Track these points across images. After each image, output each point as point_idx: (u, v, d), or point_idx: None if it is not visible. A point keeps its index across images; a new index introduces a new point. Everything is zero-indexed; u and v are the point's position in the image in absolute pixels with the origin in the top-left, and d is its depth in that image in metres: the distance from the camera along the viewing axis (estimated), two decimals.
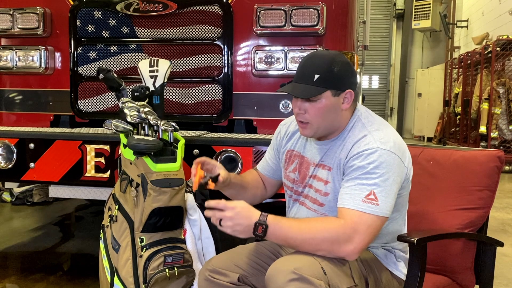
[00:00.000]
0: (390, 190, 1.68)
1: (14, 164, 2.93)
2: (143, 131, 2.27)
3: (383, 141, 1.71)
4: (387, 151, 1.69)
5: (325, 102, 1.76)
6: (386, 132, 1.76)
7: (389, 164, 1.68)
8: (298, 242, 1.66)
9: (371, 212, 1.65)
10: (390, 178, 1.68)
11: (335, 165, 1.80)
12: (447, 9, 14.75)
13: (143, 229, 2.14)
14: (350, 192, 1.69)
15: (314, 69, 1.75)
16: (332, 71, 1.75)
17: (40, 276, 3.34)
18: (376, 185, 1.66)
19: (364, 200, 1.66)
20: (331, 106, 1.77)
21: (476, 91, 10.16)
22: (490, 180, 2.06)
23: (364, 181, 1.67)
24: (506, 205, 5.97)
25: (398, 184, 1.72)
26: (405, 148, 1.79)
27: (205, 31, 3.14)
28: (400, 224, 1.88)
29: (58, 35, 3.37)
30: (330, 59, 1.76)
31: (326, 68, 1.75)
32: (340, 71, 1.76)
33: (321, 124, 1.79)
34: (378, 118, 1.85)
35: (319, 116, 1.77)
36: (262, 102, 3.15)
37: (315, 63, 1.77)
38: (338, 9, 3.07)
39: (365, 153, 1.70)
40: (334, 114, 1.78)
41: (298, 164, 1.94)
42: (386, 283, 1.82)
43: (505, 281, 3.38)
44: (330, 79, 1.75)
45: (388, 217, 1.69)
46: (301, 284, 1.56)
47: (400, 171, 1.72)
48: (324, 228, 1.64)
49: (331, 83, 1.75)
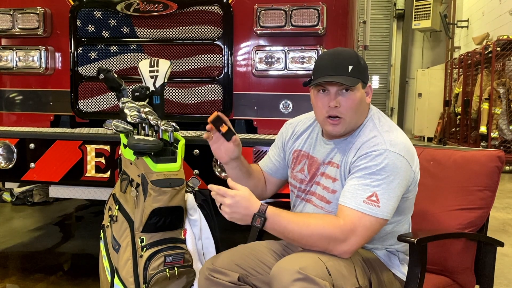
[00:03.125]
0: (393, 193, 1.68)
1: (15, 164, 2.93)
2: (143, 131, 2.27)
3: (393, 143, 1.71)
4: (395, 154, 1.69)
5: (358, 94, 1.78)
6: (396, 135, 1.76)
7: (396, 166, 1.68)
8: (296, 236, 1.67)
9: (371, 213, 1.65)
10: (395, 181, 1.68)
11: (343, 163, 1.80)
12: (447, 9, 14.75)
13: (144, 229, 2.14)
14: (352, 191, 1.69)
15: (347, 61, 1.76)
16: (361, 63, 1.79)
17: (40, 276, 3.34)
18: (379, 187, 1.67)
19: (366, 201, 1.66)
20: (362, 98, 1.79)
21: (477, 91, 10.16)
22: (491, 180, 2.06)
23: (368, 182, 1.68)
24: (507, 205, 5.96)
25: (403, 188, 1.71)
26: (414, 152, 1.78)
27: (205, 31, 3.14)
28: (405, 228, 1.88)
29: (59, 35, 3.37)
30: (355, 53, 1.83)
31: (356, 60, 1.78)
32: (364, 65, 1.81)
33: (353, 118, 1.79)
34: (388, 120, 1.86)
35: (353, 108, 1.77)
36: (262, 102, 3.15)
37: (345, 56, 1.79)
38: (338, 9, 3.07)
39: (373, 154, 1.70)
40: (363, 107, 1.81)
41: (306, 165, 1.94)
42: (389, 284, 1.82)
43: (505, 281, 3.38)
44: (361, 70, 1.78)
45: (388, 219, 1.69)
46: (306, 284, 1.57)
47: (407, 175, 1.72)
48: (323, 227, 1.65)
49: (362, 75, 1.78)
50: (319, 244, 1.66)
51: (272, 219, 1.65)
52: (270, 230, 1.68)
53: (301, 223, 1.67)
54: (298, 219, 1.69)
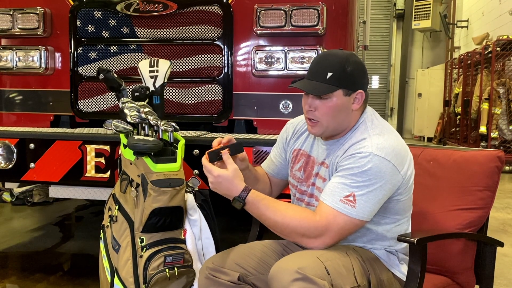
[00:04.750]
0: (373, 196, 1.68)
1: (14, 164, 2.92)
2: (143, 131, 2.27)
3: (380, 147, 1.71)
4: (380, 158, 1.69)
5: (336, 101, 1.76)
6: (386, 138, 1.75)
7: (379, 170, 1.68)
8: (271, 223, 1.75)
9: (345, 213, 1.67)
10: (376, 184, 1.68)
11: (331, 163, 1.82)
12: (447, 9, 14.75)
13: (143, 229, 2.14)
14: (332, 188, 1.72)
15: (328, 67, 1.76)
16: (345, 70, 1.75)
17: (40, 276, 3.34)
18: (358, 188, 1.68)
19: (342, 200, 1.68)
20: (342, 105, 1.77)
21: (476, 91, 10.16)
22: (490, 180, 2.06)
23: (348, 182, 1.69)
24: (506, 205, 5.96)
25: (386, 192, 1.71)
26: (405, 156, 1.77)
27: (205, 31, 3.14)
28: (404, 228, 1.88)
29: (58, 35, 3.37)
30: (344, 58, 1.77)
31: (339, 67, 1.75)
32: (353, 71, 1.77)
33: (330, 123, 1.80)
34: (383, 122, 1.85)
35: (329, 114, 1.78)
36: (262, 102, 3.15)
37: (329, 61, 1.78)
38: (338, 9, 3.07)
39: (357, 156, 1.71)
40: (344, 114, 1.79)
41: (304, 163, 1.95)
42: (388, 284, 1.82)
43: (505, 281, 3.37)
44: (342, 78, 1.75)
45: (365, 221, 1.71)
46: (305, 284, 1.57)
47: (393, 179, 1.71)
48: (298, 220, 1.70)
49: (344, 83, 1.76)
50: (292, 235, 1.73)
51: (251, 204, 1.74)
52: (250, 212, 1.78)
53: (278, 213, 1.73)
54: (276, 208, 1.74)
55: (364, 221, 1.71)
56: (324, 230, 1.69)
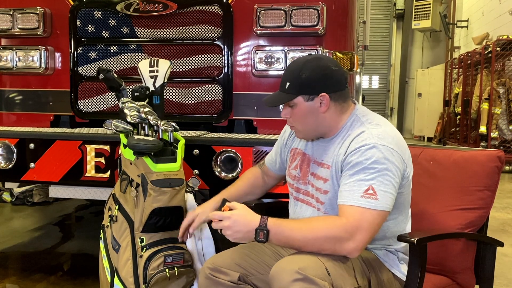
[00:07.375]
0: (389, 184, 1.68)
1: (14, 164, 2.92)
2: (143, 131, 2.27)
3: (381, 137, 1.72)
4: (384, 146, 1.70)
5: (300, 107, 1.81)
6: (384, 129, 1.77)
7: (387, 158, 1.69)
8: (301, 243, 1.66)
9: (371, 207, 1.65)
10: (388, 172, 1.68)
11: (333, 163, 1.81)
12: (447, 9, 14.75)
13: (143, 229, 2.14)
14: (349, 188, 1.69)
15: (287, 77, 1.84)
16: (300, 77, 1.79)
17: (40, 276, 3.34)
18: (374, 180, 1.67)
19: (363, 195, 1.66)
20: (307, 110, 1.81)
21: (476, 91, 10.16)
22: (490, 180, 2.06)
23: (362, 176, 1.68)
24: (506, 205, 5.97)
25: (398, 179, 1.72)
26: (404, 144, 1.80)
27: (205, 31, 3.14)
28: (403, 227, 1.88)
29: (58, 35, 3.37)
30: (300, 65, 1.81)
31: (295, 75, 1.81)
32: (309, 77, 1.79)
33: (305, 128, 1.85)
34: (377, 116, 1.87)
35: (299, 120, 1.84)
36: (262, 102, 3.14)
37: (287, 71, 1.87)
38: (338, 9, 3.07)
39: (362, 149, 1.71)
40: (314, 117, 1.82)
41: (299, 161, 1.96)
42: (388, 284, 1.82)
43: (505, 281, 3.38)
44: (298, 85, 1.80)
45: (388, 211, 1.69)
46: (305, 284, 1.57)
47: (399, 164, 1.72)
48: (326, 228, 1.64)
49: (301, 89, 1.79)
50: (326, 247, 1.64)
51: (275, 230, 1.64)
52: (275, 242, 1.67)
53: (304, 228, 1.66)
54: (301, 225, 1.68)
55: (388, 211, 1.69)
56: (355, 229, 1.63)
